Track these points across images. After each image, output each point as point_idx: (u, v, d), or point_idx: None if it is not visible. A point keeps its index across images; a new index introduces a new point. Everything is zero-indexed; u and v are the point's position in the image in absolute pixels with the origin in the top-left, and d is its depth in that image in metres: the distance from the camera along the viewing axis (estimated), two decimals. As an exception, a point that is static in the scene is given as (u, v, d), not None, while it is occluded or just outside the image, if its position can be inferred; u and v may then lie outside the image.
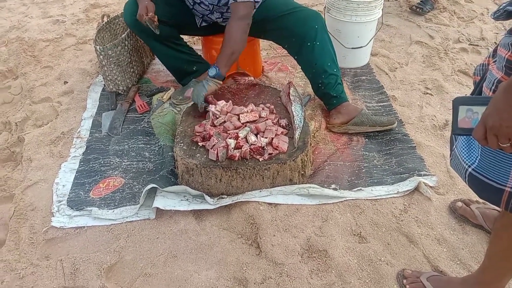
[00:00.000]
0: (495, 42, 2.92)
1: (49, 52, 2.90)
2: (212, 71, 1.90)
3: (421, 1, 3.34)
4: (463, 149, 1.05)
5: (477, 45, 2.91)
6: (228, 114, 1.90)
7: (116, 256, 1.57)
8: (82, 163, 1.96)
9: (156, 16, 1.94)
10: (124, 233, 1.65)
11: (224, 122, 1.86)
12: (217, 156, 1.69)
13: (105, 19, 2.46)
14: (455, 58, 2.76)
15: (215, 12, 2.06)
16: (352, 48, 2.54)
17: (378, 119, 2.06)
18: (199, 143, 1.79)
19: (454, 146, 1.10)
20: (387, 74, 2.61)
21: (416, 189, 1.78)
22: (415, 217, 1.68)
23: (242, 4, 1.86)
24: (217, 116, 1.88)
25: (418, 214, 1.69)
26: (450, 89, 2.45)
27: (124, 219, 1.70)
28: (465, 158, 1.04)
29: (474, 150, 1.02)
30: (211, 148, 1.71)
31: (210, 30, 2.26)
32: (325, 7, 2.57)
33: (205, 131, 1.82)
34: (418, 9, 3.29)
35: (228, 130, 1.81)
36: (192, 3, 2.05)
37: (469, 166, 1.02)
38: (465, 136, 1.04)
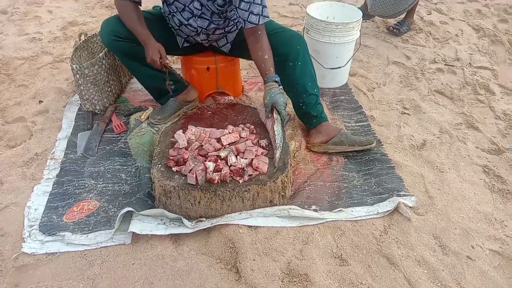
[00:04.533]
0: (469, 63, 2.99)
1: (24, 71, 2.83)
2: (276, 78, 1.94)
3: (398, 22, 3.42)
4: None
5: (453, 66, 2.97)
6: (205, 138, 1.88)
7: (90, 283, 1.51)
8: (55, 186, 1.90)
9: (168, 63, 1.94)
10: (99, 259, 1.59)
11: (201, 145, 1.84)
12: (197, 179, 1.65)
13: (83, 38, 2.42)
14: (432, 78, 2.81)
15: (201, 34, 2.06)
16: (331, 68, 2.56)
17: (357, 139, 2.07)
18: (172, 168, 1.75)
19: None
20: (365, 94, 2.63)
21: (396, 209, 1.78)
22: (395, 238, 1.67)
23: (265, 23, 1.94)
24: (192, 142, 1.86)
25: (398, 235, 1.68)
26: (427, 109, 2.49)
27: (99, 244, 1.64)
28: None
29: None
30: (189, 172, 1.68)
31: (191, 50, 2.24)
32: (304, 28, 2.59)
33: (179, 154, 1.79)
34: (395, 30, 3.36)
35: (208, 153, 1.78)
36: (178, 24, 2.03)
37: None
38: None
